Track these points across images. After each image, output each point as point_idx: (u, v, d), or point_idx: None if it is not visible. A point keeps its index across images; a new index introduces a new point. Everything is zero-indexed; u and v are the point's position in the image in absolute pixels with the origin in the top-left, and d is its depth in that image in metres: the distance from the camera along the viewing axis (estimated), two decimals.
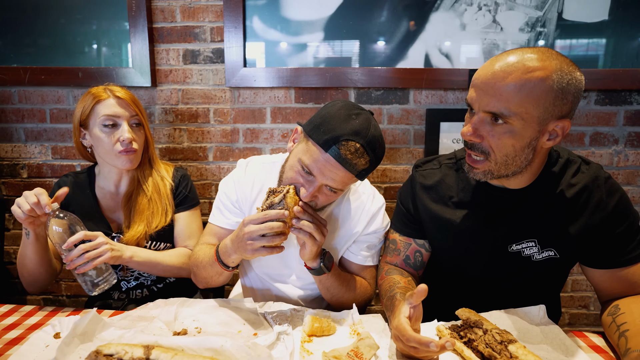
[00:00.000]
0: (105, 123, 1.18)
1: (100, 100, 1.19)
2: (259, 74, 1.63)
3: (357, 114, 0.93)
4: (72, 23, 1.67)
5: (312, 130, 0.93)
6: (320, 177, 0.92)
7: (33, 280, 1.16)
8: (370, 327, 0.95)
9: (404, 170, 1.71)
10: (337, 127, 0.90)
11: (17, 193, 1.81)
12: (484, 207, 1.02)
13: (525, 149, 0.86)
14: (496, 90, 0.82)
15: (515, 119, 0.82)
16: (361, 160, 0.90)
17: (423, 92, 1.65)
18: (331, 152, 0.89)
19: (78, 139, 1.25)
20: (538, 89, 0.80)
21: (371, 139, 0.90)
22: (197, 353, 0.79)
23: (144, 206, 1.25)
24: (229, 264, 1.00)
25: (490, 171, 0.90)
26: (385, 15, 1.58)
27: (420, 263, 1.13)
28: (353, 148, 0.88)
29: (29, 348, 0.84)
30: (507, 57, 0.83)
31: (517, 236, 1.00)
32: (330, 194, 0.96)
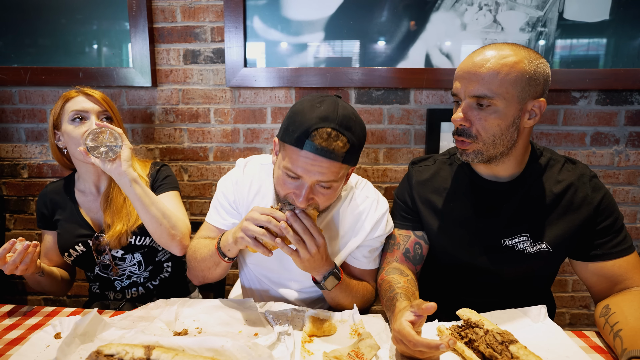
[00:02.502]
0: (73, 117, 1.21)
1: (70, 98, 1.23)
2: (260, 74, 1.63)
3: (320, 101, 0.91)
4: (73, 23, 1.67)
5: (283, 135, 0.92)
6: (306, 176, 0.90)
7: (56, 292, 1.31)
8: (371, 327, 0.95)
9: (405, 170, 1.70)
10: (304, 120, 0.88)
11: (17, 193, 1.81)
12: (475, 198, 1.08)
13: (510, 128, 0.95)
14: (478, 76, 0.93)
15: (499, 99, 0.92)
16: (338, 143, 0.87)
17: (424, 92, 1.64)
18: (306, 147, 0.87)
19: (54, 141, 1.28)
20: (514, 71, 0.91)
21: (342, 119, 0.88)
22: (198, 353, 0.79)
23: (120, 205, 1.27)
24: (226, 254, 1.01)
25: (479, 151, 0.98)
26: (386, 15, 1.58)
27: (419, 257, 1.14)
28: (325, 134, 0.86)
29: (29, 348, 0.85)
30: (484, 50, 0.95)
31: (510, 231, 1.05)
32: (326, 190, 0.94)
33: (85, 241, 1.27)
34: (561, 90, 1.60)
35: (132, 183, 1.13)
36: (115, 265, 1.30)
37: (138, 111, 1.72)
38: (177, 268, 1.44)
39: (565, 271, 1.77)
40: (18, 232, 1.85)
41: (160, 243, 1.23)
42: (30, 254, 1.03)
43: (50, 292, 1.28)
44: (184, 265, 1.51)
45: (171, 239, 1.19)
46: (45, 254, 1.32)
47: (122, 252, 1.28)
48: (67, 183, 1.35)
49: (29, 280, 1.18)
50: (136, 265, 1.32)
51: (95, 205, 1.30)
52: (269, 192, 1.11)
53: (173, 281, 1.42)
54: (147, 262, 1.33)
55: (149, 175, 1.32)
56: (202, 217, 1.75)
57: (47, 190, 1.34)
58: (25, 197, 1.82)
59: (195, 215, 1.78)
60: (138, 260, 1.32)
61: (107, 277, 1.33)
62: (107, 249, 1.27)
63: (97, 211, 1.30)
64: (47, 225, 1.33)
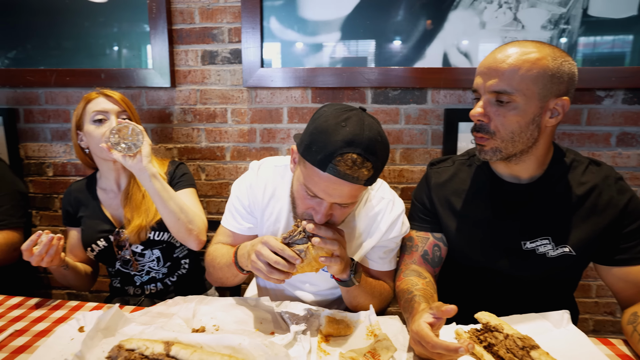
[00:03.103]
0: (94, 118, 1.25)
1: (91, 100, 1.28)
2: (276, 74, 1.64)
3: (346, 119, 0.84)
4: (96, 26, 1.71)
5: (305, 152, 0.87)
6: (327, 197, 0.87)
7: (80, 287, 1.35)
8: (387, 328, 0.95)
9: (421, 170, 1.69)
10: (328, 142, 0.82)
11: (43, 191, 1.88)
12: (495, 200, 1.05)
13: (530, 125, 0.93)
14: (498, 72, 0.92)
15: (518, 95, 0.90)
16: (363, 171, 0.83)
17: (441, 92, 1.62)
18: (329, 171, 0.82)
19: (76, 141, 1.33)
20: (536, 68, 0.90)
21: (368, 143, 0.82)
22: (216, 350, 0.80)
23: (139, 201, 1.31)
24: (244, 267, 1.00)
25: (497, 149, 0.96)
26: (403, 14, 1.57)
27: (438, 259, 1.12)
28: (350, 161, 0.81)
29: (55, 340, 0.87)
30: (507, 46, 0.94)
31: (531, 233, 1.02)
32: (345, 209, 0.92)
33: (107, 236, 1.30)
34: (585, 89, 1.55)
35: (151, 178, 1.16)
36: (135, 260, 1.33)
37: (157, 111, 1.76)
38: (194, 265, 1.47)
39: (589, 276, 1.72)
40: (43, 228, 1.91)
41: (178, 238, 1.25)
42: (55, 246, 1.07)
43: (75, 286, 1.32)
44: (201, 263, 1.54)
45: (188, 233, 1.22)
46: (71, 250, 1.37)
47: (142, 247, 1.31)
48: (90, 181, 1.39)
49: (55, 273, 1.22)
50: (155, 261, 1.35)
51: (116, 202, 1.34)
52: (283, 195, 1.10)
53: (190, 278, 1.45)
54: (165, 258, 1.36)
55: (167, 173, 1.35)
56: (219, 215, 1.77)
57: (71, 189, 1.39)
58: (50, 194, 1.88)
59: (212, 214, 1.81)
60: (157, 256, 1.35)
61: (127, 273, 1.36)
62: (127, 244, 1.30)
63: (117, 208, 1.34)
64: (71, 222, 1.37)
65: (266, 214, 1.11)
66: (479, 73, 0.97)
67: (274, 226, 1.11)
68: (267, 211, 1.11)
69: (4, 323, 0.97)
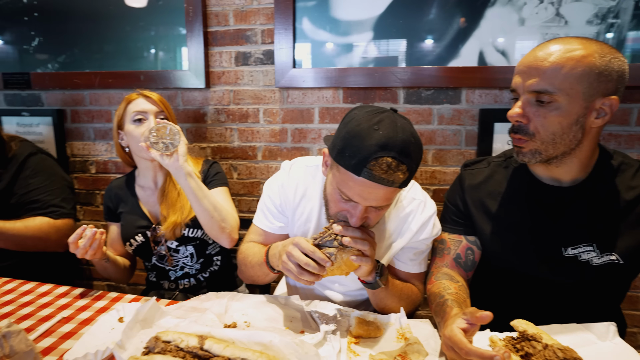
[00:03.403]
0: (135, 118, 1.31)
1: (131, 100, 1.33)
2: (308, 74, 1.65)
3: (378, 121, 0.83)
4: (136, 30, 1.79)
5: (338, 156, 0.87)
6: (362, 201, 0.87)
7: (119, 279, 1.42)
8: (418, 332, 0.93)
9: (454, 172, 1.65)
10: (362, 146, 0.82)
11: (86, 187, 1.98)
12: (533, 203, 1.01)
13: (573, 127, 0.88)
14: (539, 70, 0.87)
15: (561, 95, 0.86)
16: (398, 174, 0.83)
17: (476, 92, 1.58)
18: (364, 175, 0.82)
19: (117, 140, 1.39)
20: (581, 66, 0.85)
21: (402, 146, 0.82)
22: (247, 346, 0.81)
23: (174, 199, 1.35)
24: (275, 267, 1.01)
25: (537, 151, 0.92)
26: (436, 12, 1.54)
27: (471, 262, 1.09)
28: (385, 165, 0.81)
29: (97, 329, 0.92)
30: (549, 43, 0.89)
31: (573, 239, 0.97)
32: (379, 211, 0.92)
33: (144, 232, 1.36)
34: (635, 87, 1.46)
35: (187, 177, 1.19)
36: (170, 256, 1.38)
37: (192, 111, 1.81)
38: (226, 262, 1.51)
39: (638, 287, 1.62)
40: (86, 222, 2.00)
41: (211, 235, 1.28)
42: (97, 240, 1.12)
43: (115, 279, 1.39)
44: (232, 260, 1.57)
45: (221, 231, 1.25)
46: (111, 244, 1.44)
47: (177, 243, 1.36)
48: (129, 179, 1.45)
49: (97, 265, 1.28)
50: (189, 257, 1.40)
51: (153, 199, 1.39)
52: (314, 195, 1.11)
53: (222, 274, 1.49)
54: (198, 254, 1.40)
55: (201, 172, 1.39)
56: (250, 214, 1.80)
57: (111, 186, 1.46)
58: (92, 190, 1.98)
59: (243, 212, 1.84)
60: (190, 252, 1.39)
61: (162, 267, 1.41)
62: (163, 240, 1.35)
63: (154, 204, 1.39)
64: (112, 218, 1.44)
65: (297, 213, 1.12)
66: (518, 72, 0.93)
67: (304, 226, 1.12)
68: (298, 211, 1.12)
69: (53, 310, 1.03)
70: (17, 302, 1.08)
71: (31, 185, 1.46)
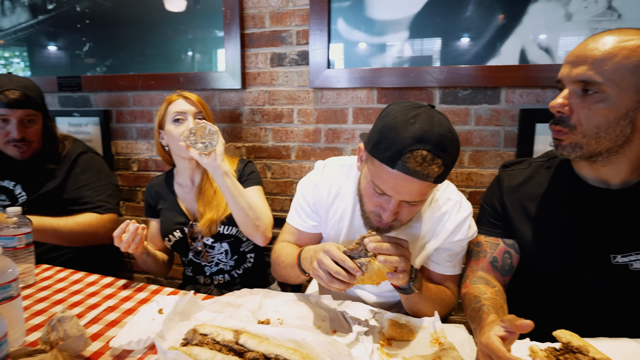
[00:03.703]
0: (174, 118, 1.36)
1: (172, 101, 1.38)
2: (342, 75, 1.65)
3: (415, 115, 0.83)
4: (176, 34, 1.86)
5: (373, 149, 0.88)
6: (395, 195, 0.87)
7: (158, 273, 1.48)
8: (453, 337, 0.91)
9: (492, 174, 1.59)
10: (397, 139, 0.82)
11: (129, 184, 2.08)
12: (579, 206, 0.95)
13: (621, 121, 0.83)
14: (588, 59, 0.83)
15: (609, 85, 0.81)
16: (433, 167, 0.82)
17: (517, 91, 1.52)
18: (398, 168, 0.82)
19: (158, 139, 1.45)
20: (635, 55, 0.80)
21: (438, 140, 0.81)
22: (281, 343, 0.82)
23: (211, 197, 1.39)
24: (306, 271, 1.01)
25: (578, 144, 0.87)
26: (475, 10, 1.49)
27: (509, 267, 1.05)
28: (420, 158, 0.81)
29: (139, 319, 0.97)
30: (602, 34, 0.85)
31: (623, 246, 0.90)
32: (413, 207, 0.92)
33: (182, 228, 1.41)
34: None
35: (224, 176, 1.23)
36: (205, 252, 1.42)
37: (228, 111, 1.86)
38: (259, 259, 1.54)
39: None
40: (128, 218, 2.12)
41: (246, 233, 1.32)
42: (139, 235, 1.18)
43: (154, 272, 1.45)
44: (265, 258, 1.61)
45: (255, 229, 1.28)
46: (151, 239, 1.50)
47: (212, 240, 1.40)
48: (168, 177, 1.51)
49: (138, 259, 1.35)
50: (223, 254, 1.44)
51: (190, 197, 1.44)
52: (348, 194, 1.11)
53: (255, 271, 1.52)
54: (232, 251, 1.44)
55: (236, 171, 1.43)
56: (283, 213, 1.83)
57: (152, 183, 1.52)
58: (134, 187, 2.08)
59: (276, 211, 1.87)
60: (225, 249, 1.43)
61: (198, 263, 1.46)
62: (199, 236, 1.40)
63: (191, 202, 1.44)
64: (152, 214, 1.51)
65: (330, 212, 1.13)
66: (567, 62, 0.89)
67: (338, 225, 1.13)
68: (331, 210, 1.13)
69: (99, 299, 1.10)
70: (68, 290, 1.15)
71: (81, 182, 1.56)
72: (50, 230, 1.39)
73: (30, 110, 1.48)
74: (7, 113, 1.43)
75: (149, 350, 0.87)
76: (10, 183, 1.53)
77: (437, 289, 1.05)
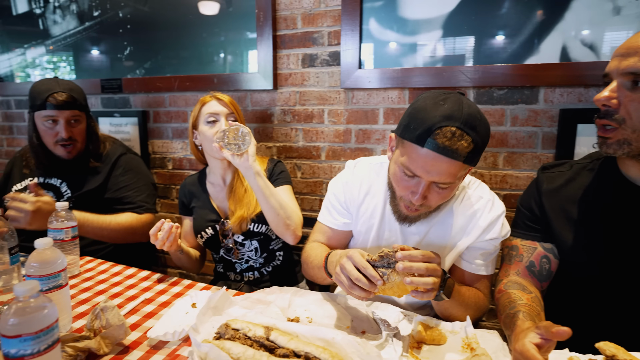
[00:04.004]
0: (208, 119, 1.40)
1: (205, 103, 1.42)
2: (373, 75, 1.64)
3: (444, 98, 0.86)
4: (210, 36, 1.91)
5: (403, 131, 0.90)
6: (425, 175, 0.88)
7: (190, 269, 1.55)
8: (486, 344, 0.89)
9: (528, 177, 1.53)
10: (427, 118, 0.85)
11: (164, 182, 2.17)
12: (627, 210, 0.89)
13: None
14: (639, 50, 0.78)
15: None
16: (462, 143, 0.83)
17: (556, 90, 1.45)
18: (428, 146, 0.84)
19: (192, 139, 1.49)
20: None
21: (467, 118, 0.83)
22: (310, 341, 0.83)
23: (241, 195, 1.43)
24: (332, 274, 1.01)
25: (625, 140, 0.82)
26: (512, 7, 1.44)
27: (547, 272, 1.01)
28: (449, 133, 0.82)
29: (174, 312, 1.01)
30: None
31: None
32: (442, 190, 0.92)
33: (214, 225, 1.45)
34: None
35: (255, 176, 1.25)
36: (236, 249, 1.46)
37: (260, 112, 1.90)
38: (287, 258, 1.56)
39: None
40: (163, 214, 2.20)
41: (277, 232, 1.34)
42: (173, 233, 1.23)
43: (187, 268, 1.50)
44: (293, 256, 1.62)
45: (286, 228, 1.30)
46: (184, 236, 1.56)
47: (242, 237, 1.44)
48: (201, 176, 1.56)
49: (172, 256, 1.40)
50: (253, 251, 1.47)
51: (222, 195, 1.48)
52: (379, 191, 1.12)
53: (283, 269, 1.54)
54: (262, 249, 1.47)
55: (266, 170, 1.46)
56: (313, 212, 1.84)
57: (185, 183, 1.58)
58: (169, 185, 2.16)
59: (305, 210, 1.89)
60: (255, 246, 1.46)
61: (229, 260, 1.50)
62: (230, 234, 1.43)
63: (223, 200, 1.48)
64: (185, 212, 1.56)
65: (361, 210, 1.14)
66: (616, 55, 0.85)
67: (369, 222, 1.14)
68: (362, 207, 1.14)
69: (137, 292, 1.15)
70: (109, 281, 1.21)
71: (121, 182, 1.64)
72: (93, 226, 1.47)
73: (76, 110, 1.57)
74: (56, 114, 1.53)
75: (183, 342, 0.90)
76: (57, 180, 1.63)
77: (469, 293, 1.03)
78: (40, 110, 1.53)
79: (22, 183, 1.65)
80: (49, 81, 1.57)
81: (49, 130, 1.55)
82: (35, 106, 1.53)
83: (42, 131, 1.56)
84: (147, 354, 0.85)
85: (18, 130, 2.53)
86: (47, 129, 1.55)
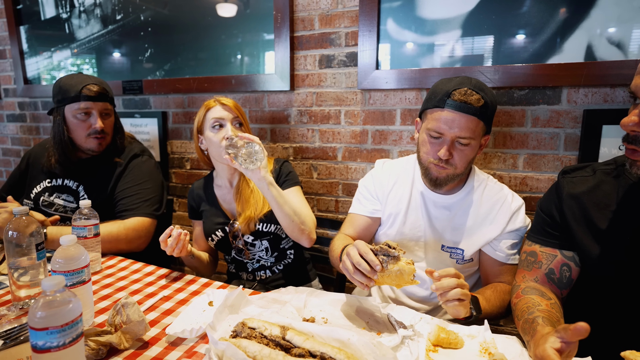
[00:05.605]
0: (213, 125, 1.40)
1: (210, 108, 1.42)
2: (390, 76, 1.63)
3: (456, 76, 1.12)
4: (228, 38, 1.94)
5: (425, 104, 1.14)
6: (448, 131, 1.07)
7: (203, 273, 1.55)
8: (504, 349, 0.87)
9: (549, 179, 1.50)
10: (443, 87, 1.09)
11: (182, 181, 2.20)
12: None
13: None
14: None
15: None
16: (474, 97, 1.05)
17: (580, 90, 1.41)
18: (448, 105, 1.06)
19: (197, 144, 1.49)
20: None
21: (475, 83, 1.08)
22: (326, 341, 0.83)
23: (248, 196, 1.44)
24: None
25: None
26: (534, 5, 1.41)
27: (567, 280, 0.98)
28: (463, 91, 1.05)
29: (192, 309, 1.02)
30: None
31: None
32: (464, 147, 1.09)
33: (223, 227, 1.47)
34: None
35: (269, 186, 1.26)
36: (247, 249, 1.47)
37: (277, 113, 1.91)
38: (298, 255, 1.57)
39: None
40: (181, 213, 2.24)
41: (292, 237, 1.35)
42: (182, 240, 1.25)
43: (199, 272, 1.53)
44: (304, 254, 1.63)
45: (301, 233, 1.31)
46: (196, 240, 1.58)
47: (252, 238, 1.45)
48: (208, 180, 1.58)
49: (184, 260, 1.43)
50: (264, 251, 1.48)
51: (229, 197, 1.50)
52: (406, 180, 1.28)
53: (295, 267, 1.56)
54: (272, 248, 1.48)
55: (272, 171, 1.46)
56: (328, 213, 1.84)
57: (193, 187, 1.59)
58: (187, 184, 2.20)
59: (321, 211, 1.89)
60: (265, 246, 1.47)
61: (240, 260, 1.52)
62: (240, 234, 1.45)
63: (230, 202, 1.49)
64: (195, 216, 1.58)
65: (390, 196, 1.29)
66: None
67: (397, 206, 1.28)
68: (391, 195, 1.29)
69: (156, 289, 1.17)
70: (129, 278, 1.24)
71: (129, 186, 1.59)
72: None
73: (107, 103, 1.58)
74: (90, 106, 1.52)
75: (201, 339, 0.91)
76: (74, 183, 1.62)
77: (495, 294, 1.08)
78: (73, 103, 1.51)
79: (40, 185, 1.65)
80: (77, 75, 1.56)
81: (81, 122, 1.53)
82: (67, 99, 1.51)
83: (73, 124, 1.53)
84: (166, 350, 0.87)
85: (44, 130, 2.62)
86: (79, 121, 1.53)
